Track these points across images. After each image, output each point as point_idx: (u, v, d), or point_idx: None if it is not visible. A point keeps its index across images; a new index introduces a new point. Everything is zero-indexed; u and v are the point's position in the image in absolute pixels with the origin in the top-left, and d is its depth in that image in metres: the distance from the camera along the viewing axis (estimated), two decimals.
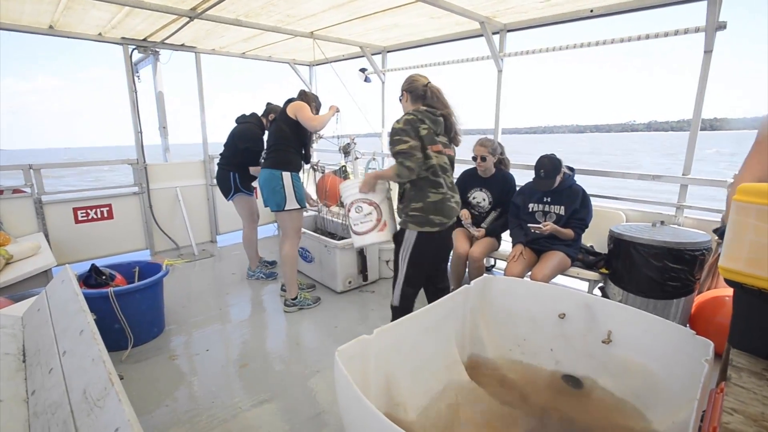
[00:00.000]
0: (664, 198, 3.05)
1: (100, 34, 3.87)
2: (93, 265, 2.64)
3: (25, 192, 3.70)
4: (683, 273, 2.36)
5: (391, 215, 2.42)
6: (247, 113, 3.52)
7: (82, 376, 1.12)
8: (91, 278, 2.60)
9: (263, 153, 2.97)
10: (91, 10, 3.14)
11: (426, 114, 2.14)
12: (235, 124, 3.49)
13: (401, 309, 2.27)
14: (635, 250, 2.46)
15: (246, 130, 3.41)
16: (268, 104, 3.49)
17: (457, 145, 2.33)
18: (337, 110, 3.08)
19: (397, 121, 2.11)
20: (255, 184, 3.64)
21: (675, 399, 1.56)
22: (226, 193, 3.53)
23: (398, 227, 2.29)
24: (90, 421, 0.96)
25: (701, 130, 2.81)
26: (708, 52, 2.57)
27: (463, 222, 3.11)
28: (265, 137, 3.40)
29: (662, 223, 2.72)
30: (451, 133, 2.25)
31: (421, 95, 2.20)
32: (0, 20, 3.32)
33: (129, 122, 4.26)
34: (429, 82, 2.20)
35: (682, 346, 1.58)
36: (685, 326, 1.89)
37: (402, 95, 2.27)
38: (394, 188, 2.55)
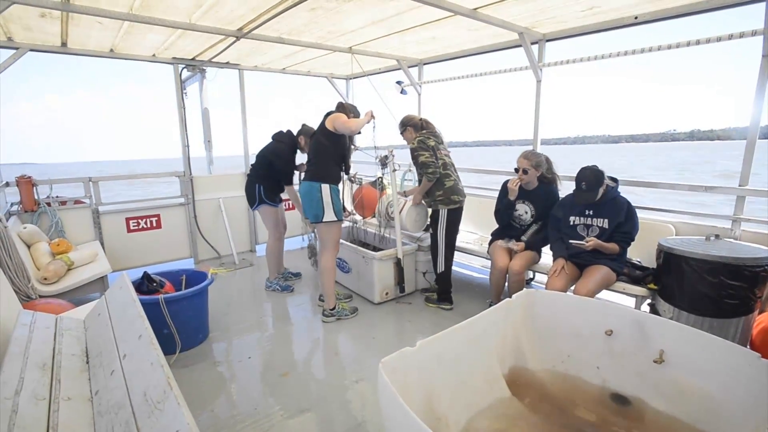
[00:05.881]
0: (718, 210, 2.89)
1: (153, 55, 4.13)
2: (145, 272, 2.78)
3: (84, 203, 3.98)
4: (742, 290, 2.22)
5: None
6: (284, 130, 3.63)
7: (142, 379, 1.19)
8: (143, 285, 2.74)
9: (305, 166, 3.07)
10: (148, 33, 3.37)
11: (428, 134, 3.17)
12: (271, 140, 3.61)
13: (446, 273, 3.25)
14: (688, 265, 2.34)
15: (278, 150, 3.52)
16: (303, 125, 3.59)
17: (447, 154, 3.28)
18: (373, 117, 3.09)
19: (412, 143, 3.13)
20: (284, 195, 3.77)
21: (738, 425, 1.46)
22: (251, 203, 3.64)
23: (431, 210, 3.26)
24: (151, 422, 1.02)
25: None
26: (766, 56, 2.44)
27: (500, 242, 3.14)
28: (298, 158, 3.69)
29: (717, 236, 2.57)
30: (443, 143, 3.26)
31: (419, 126, 3.22)
32: (69, 46, 3.64)
33: (161, 137, 4.59)
34: (420, 117, 3.28)
35: (745, 370, 1.48)
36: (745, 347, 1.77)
37: (405, 129, 3.24)
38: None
